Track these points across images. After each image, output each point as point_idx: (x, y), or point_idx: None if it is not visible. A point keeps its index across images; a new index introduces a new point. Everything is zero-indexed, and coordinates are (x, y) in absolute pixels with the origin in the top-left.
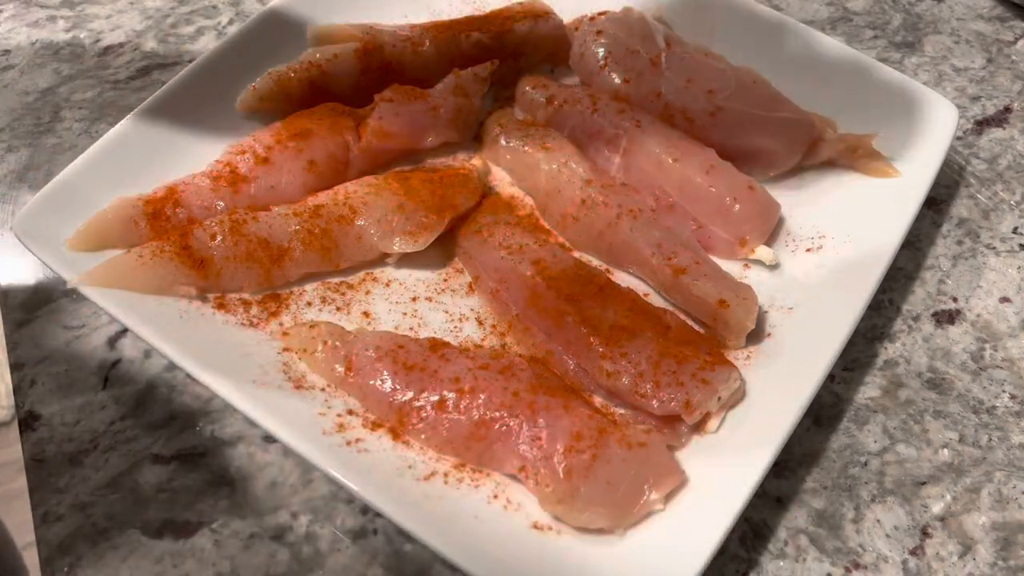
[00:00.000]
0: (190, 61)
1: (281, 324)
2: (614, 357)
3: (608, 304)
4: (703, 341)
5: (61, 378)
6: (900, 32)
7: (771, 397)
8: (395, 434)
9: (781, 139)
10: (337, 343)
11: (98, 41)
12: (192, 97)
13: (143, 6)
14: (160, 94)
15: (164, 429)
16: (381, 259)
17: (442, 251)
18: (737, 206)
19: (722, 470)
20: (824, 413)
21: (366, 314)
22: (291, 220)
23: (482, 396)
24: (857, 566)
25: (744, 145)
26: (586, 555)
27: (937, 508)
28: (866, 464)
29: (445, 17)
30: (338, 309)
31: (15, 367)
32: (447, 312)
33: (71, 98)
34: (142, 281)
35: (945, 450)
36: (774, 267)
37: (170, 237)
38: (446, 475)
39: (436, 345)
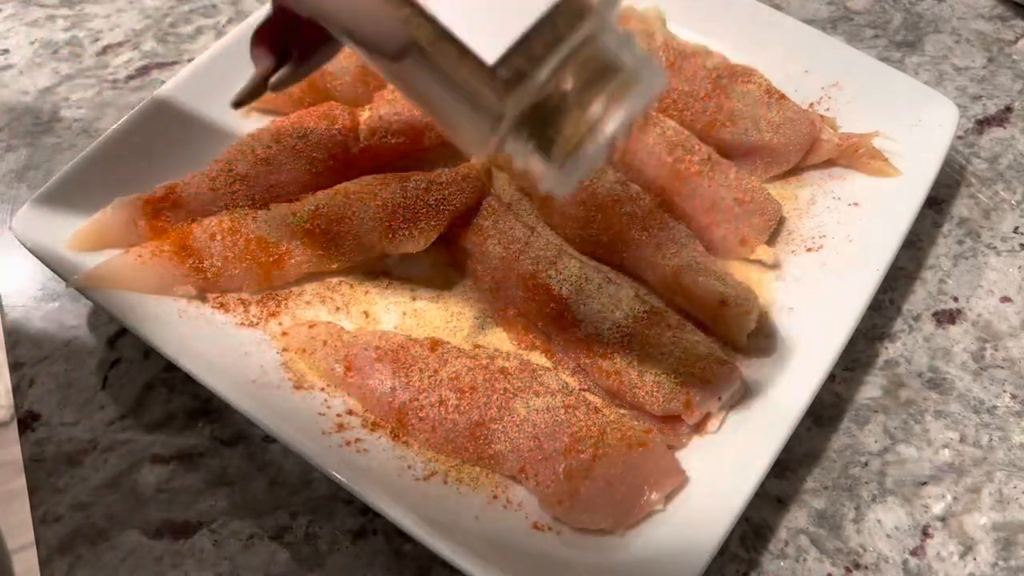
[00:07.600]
0: (190, 60)
1: (281, 324)
2: (614, 357)
3: (608, 304)
4: (703, 341)
5: (61, 378)
6: (900, 31)
7: (771, 397)
8: (395, 434)
9: (781, 139)
10: (337, 343)
11: (97, 40)
12: (192, 97)
13: (142, 5)
14: (160, 94)
15: (164, 429)
16: (381, 259)
17: (442, 251)
18: (737, 206)
19: (722, 470)
20: (824, 413)
21: (366, 314)
22: (291, 220)
23: (482, 396)
24: (858, 566)
25: (744, 145)
26: (586, 555)
27: (938, 508)
28: (867, 464)
29: None
30: (338, 309)
31: (15, 367)
32: (447, 312)
33: (70, 97)
34: (142, 281)
35: (946, 450)
36: (774, 267)
37: (170, 237)
38: (446, 475)
39: (436, 345)
